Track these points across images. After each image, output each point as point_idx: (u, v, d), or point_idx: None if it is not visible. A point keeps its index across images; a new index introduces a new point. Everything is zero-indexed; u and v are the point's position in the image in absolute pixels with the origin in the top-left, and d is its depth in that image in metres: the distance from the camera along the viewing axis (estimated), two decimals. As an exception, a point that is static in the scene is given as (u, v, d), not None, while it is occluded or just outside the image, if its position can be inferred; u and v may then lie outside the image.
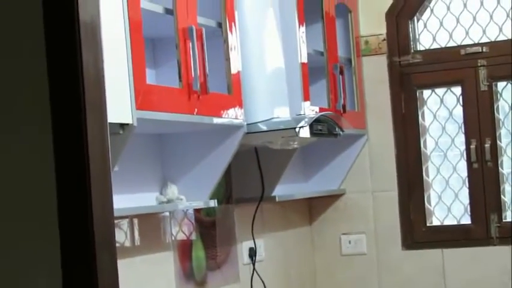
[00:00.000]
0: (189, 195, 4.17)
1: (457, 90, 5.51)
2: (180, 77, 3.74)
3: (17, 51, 2.21)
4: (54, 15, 2.16)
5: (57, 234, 2.24)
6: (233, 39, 4.13)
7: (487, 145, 5.39)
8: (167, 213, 4.31)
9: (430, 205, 5.59)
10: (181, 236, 4.42)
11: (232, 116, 4.09)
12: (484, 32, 5.48)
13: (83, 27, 2.13)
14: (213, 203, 4.23)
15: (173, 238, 4.36)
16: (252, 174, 4.82)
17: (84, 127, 2.22)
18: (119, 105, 3.31)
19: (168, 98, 3.65)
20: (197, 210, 4.51)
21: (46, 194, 2.23)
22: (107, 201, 2.29)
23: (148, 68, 3.65)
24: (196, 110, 3.80)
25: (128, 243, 4.04)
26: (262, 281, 4.96)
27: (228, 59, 4.09)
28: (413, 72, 5.56)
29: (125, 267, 2.22)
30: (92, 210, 2.23)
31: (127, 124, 3.37)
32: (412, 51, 5.57)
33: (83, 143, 2.22)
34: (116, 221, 3.25)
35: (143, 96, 3.44)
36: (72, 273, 2.22)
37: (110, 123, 2.17)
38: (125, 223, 4.00)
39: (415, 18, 5.60)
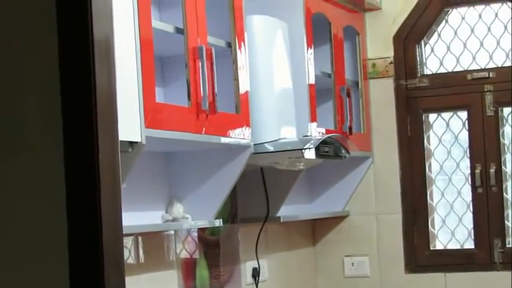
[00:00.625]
0: (194, 214, 4.16)
1: (463, 114, 5.50)
2: (189, 96, 3.74)
3: (31, 68, 2.19)
4: (69, 32, 2.14)
5: (66, 252, 2.22)
6: (242, 59, 4.12)
7: (492, 170, 5.37)
8: (172, 232, 4.30)
9: (434, 229, 5.57)
10: (185, 255, 4.41)
11: (240, 135, 4.08)
12: (490, 57, 5.47)
13: (97, 45, 2.11)
14: (218, 223, 4.22)
15: (177, 256, 4.34)
16: (257, 194, 4.81)
17: (96, 144, 2.19)
18: (129, 123, 3.31)
19: (176, 116, 3.65)
20: (202, 229, 4.50)
21: (56, 210, 2.20)
22: (117, 219, 2.26)
23: (157, 87, 3.64)
24: (204, 129, 3.80)
25: (132, 261, 4.04)
26: (265, 302, 4.95)
27: (236, 79, 4.09)
28: (419, 96, 5.54)
29: (129, 285, 2.19)
30: (101, 228, 2.20)
31: (136, 142, 3.37)
32: (419, 75, 5.56)
33: (94, 161, 2.19)
34: (122, 239, 3.24)
35: (152, 115, 3.44)
36: (80, 292, 2.20)
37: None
38: (129, 241, 3.99)
39: (423, 42, 5.59)
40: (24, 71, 2.20)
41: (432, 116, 5.59)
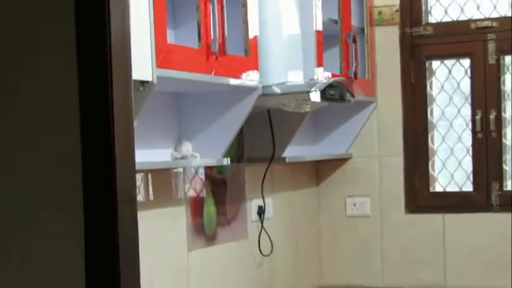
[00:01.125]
0: (202, 153, 4.19)
1: (466, 62, 5.52)
2: (199, 38, 3.75)
3: (45, 10, 2.24)
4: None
5: (80, 186, 2.28)
6: (251, 4, 4.13)
7: (492, 116, 5.41)
8: (181, 170, 4.33)
9: (434, 172, 5.62)
10: (193, 192, 4.44)
11: (248, 78, 4.11)
12: (494, 7, 5.48)
13: (112, -14, 2.16)
14: (226, 161, 4.25)
15: (186, 194, 4.38)
16: (263, 135, 4.84)
17: (110, 83, 2.25)
18: (141, 63, 3.33)
19: (187, 57, 3.67)
20: (209, 168, 4.54)
21: (71, 146, 2.26)
22: (130, 155, 2.32)
23: (168, 29, 3.65)
24: (213, 70, 3.82)
25: (142, 198, 4.07)
26: (270, 238, 5.00)
27: (246, 22, 4.10)
28: (423, 44, 5.57)
29: (139, 220, 2.24)
30: (115, 163, 2.26)
31: (147, 81, 3.40)
32: (424, 23, 5.58)
33: (108, 98, 2.25)
34: (132, 175, 3.27)
35: (163, 55, 3.46)
36: (95, 223, 2.26)
37: (132, 80, 2.22)
38: (140, 177, 4.02)
39: (428, -10, 5.61)
40: (39, 13, 2.25)
41: (435, 63, 5.61)
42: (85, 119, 2.27)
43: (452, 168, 5.59)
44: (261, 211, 4.96)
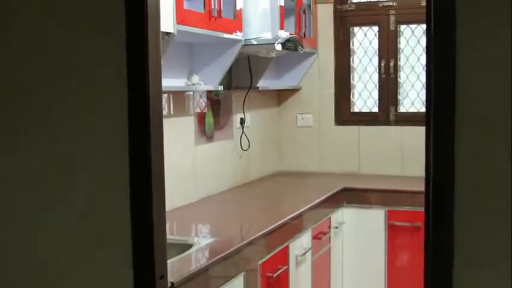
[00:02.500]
0: (205, 82, 4.20)
1: (375, 28, 5.51)
2: (204, 6, 3.74)
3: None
4: None
5: (126, 105, 2.28)
6: (238, -14, 4.13)
7: (391, 64, 5.42)
8: (191, 93, 4.34)
9: (354, 98, 5.64)
10: (198, 108, 4.45)
11: (235, 34, 4.10)
12: (394, -8, 5.47)
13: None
14: (220, 88, 4.27)
15: (194, 109, 4.39)
16: (245, 72, 4.85)
17: (146, 33, 2.26)
18: (166, 20, 3.33)
19: (196, 18, 3.66)
20: (209, 92, 4.55)
21: (121, 77, 2.27)
22: (158, 81, 2.33)
23: (184, 0, 3.65)
24: (213, 28, 3.81)
25: (165, 111, 4.08)
26: (248, 139, 5.03)
27: (234, -2, 4.11)
28: (348, 16, 5.55)
29: (164, 125, 2.27)
30: (149, 86, 2.27)
31: (170, 33, 3.39)
32: (349, 2, 5.56)
33: (145, 43, 2.26)
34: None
35: (181, 16, 3.46)
36: (135, 129, 2.27)
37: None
38: (164, 97, 4.02)
39: (352, -19, 5.59)
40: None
41: (356, 29, 5.60)
42: (130, 57, 2.28)
43: (365, 96, 5.61)
44: (242, 121, 4.98)
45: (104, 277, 2.38)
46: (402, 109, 5.47)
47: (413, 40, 5.42)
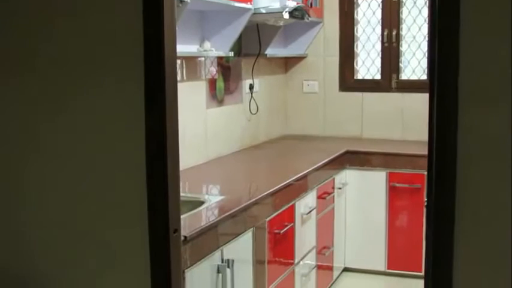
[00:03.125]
0: (217, 48, 4.18)
1: (379, -1, 5.48)
2: (216, -25, 3.71)
3: None
4: None
5: (142, 66, 2.27)
6: (249, -44, 4.08)
7: (394, 33, 5.37)
8: (203, 58, 4.31)
9: (357, 66, 5.60)
10: (210, 74, 4.43)
11: (246, 2, 4.07)
12: (398, -36, 5.40)
13: None
14: (231, 54, 4.25)
15: (206, 75, 4.37)
16: (254, 40, 4.82)
17: (162, 0, 2.24)
18: (180, -12, 3.29)
19: (209, -13, 3.64)
20: (220, 58, 4.52)
21: (137, 42, 2.26)
22: (173, 47, 2.32)
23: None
24: (225, -4, 3.80)
25: (179, 76, 4.06)
26: (256, 103, 5.01)
27: (245, -32, 4.06)
28: (353, -14, 5.51)
29: (178, 89, 2.28)
30: (164, 50, 2.26)
31: (184, 0, 3.37)
32: (354, -27, 5.51)
33: (160, 11, 2.24)
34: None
35: (194, -16, 3.43)
36: (152, 88, 2.26)
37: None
38: (178, 62, 4.00)
39: (358, -47, 5.51)
40: None
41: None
42: (146, 22, 2.27)
43: (368, 64, 5.57)
44: (251, 87, 4.96)
45: (121, 229, 2.39)
46: (403, 77, 5.44)
47: (415, 10, 5.37)
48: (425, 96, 2.10)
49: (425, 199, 2.13)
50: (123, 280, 2.41)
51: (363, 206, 4.92)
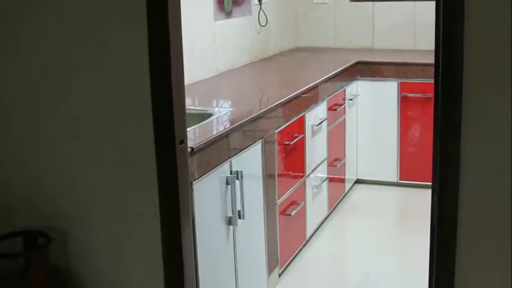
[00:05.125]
0: None
1: None
2: None
3: None
4: None
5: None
6: None
7: None
8: None
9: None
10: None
11: None
12: None
13: None
14: None
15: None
16: None
17: None
18: None
19: None
20: None
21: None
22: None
23: None
24: None
25: None
26: (265, 15, 4.88)
27: None
28: None
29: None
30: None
31: None
32: None
33: None
34: None
35: None
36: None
37: None
38: None
39: None
40: None
41: None
42: None
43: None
44: (259, -2, 4.82)
45: (127, 142, 2.35)
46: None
47: None
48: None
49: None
50: (131, 192, 2.38)
51: (374, 117, 4.85)
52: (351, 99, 4.68)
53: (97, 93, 2.34)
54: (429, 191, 2.18)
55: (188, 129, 2.50)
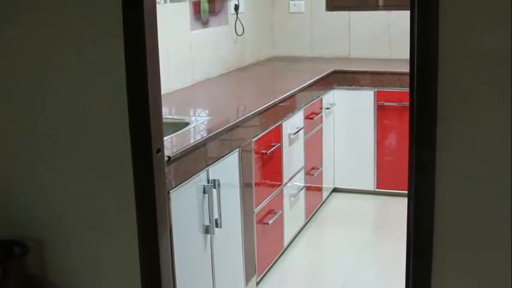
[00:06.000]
0: None
1: None
2: None
3: None
4: None
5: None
6: None
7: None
8: None
9: None
10: (194, -6, 4.29)
11: None
12: None
13: None
14: None
15: None
16: None
17: None
18: None
19: None
20: None
21: None
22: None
23: None
24: None
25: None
26: (242, 24, 4.89)
27: None
28: None
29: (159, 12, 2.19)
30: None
31: None
32: None
33: None
34: None
35: None
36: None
37: None
38: None
39: None
40: None
41: None
42: None
43: None
44: (236, 8, 4.83)
45: (103, 150, 2.34)
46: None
47: None
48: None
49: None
50: (108, 201, 2.36)
51: (351, 125, 4.87)
52: (327, 108, 4.70)
53: (73, 102, 2.33)
54: (406, 199, 2.19)
55: (165, 138, 2.50)
